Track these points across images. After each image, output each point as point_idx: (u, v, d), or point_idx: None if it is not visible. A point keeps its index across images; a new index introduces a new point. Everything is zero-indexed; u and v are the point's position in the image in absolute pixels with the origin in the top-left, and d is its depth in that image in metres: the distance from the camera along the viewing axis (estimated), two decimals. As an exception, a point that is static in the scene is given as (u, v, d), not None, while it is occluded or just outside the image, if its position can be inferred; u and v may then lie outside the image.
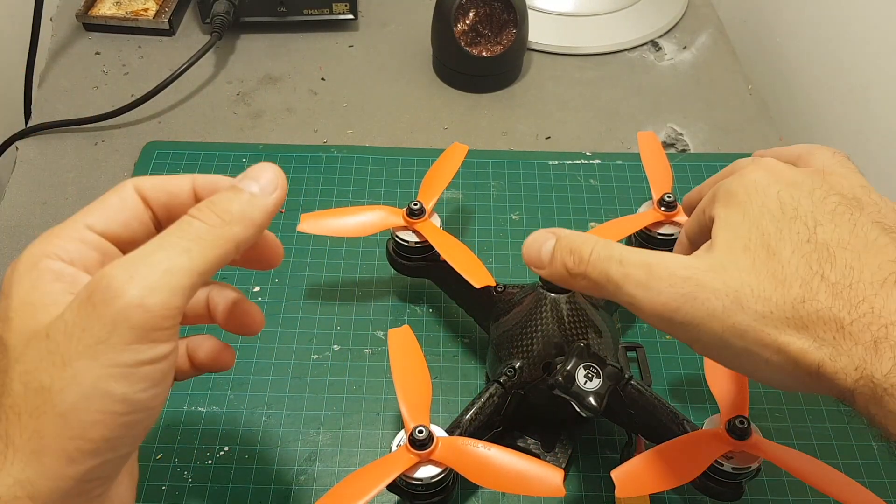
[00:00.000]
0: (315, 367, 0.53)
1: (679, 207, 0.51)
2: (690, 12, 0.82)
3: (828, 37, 0.73)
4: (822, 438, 0.49)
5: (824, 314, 0.28)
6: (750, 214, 0.31)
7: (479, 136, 0.69)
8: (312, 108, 0.71)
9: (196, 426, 0.49)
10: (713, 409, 0.43)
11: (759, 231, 0.30)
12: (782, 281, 0.29)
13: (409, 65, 0.76)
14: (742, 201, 0.32)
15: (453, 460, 0.40)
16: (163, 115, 0.70)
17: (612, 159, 0.66)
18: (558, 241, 0.34)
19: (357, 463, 0.48)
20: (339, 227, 0.53)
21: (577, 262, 0.33)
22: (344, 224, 0.53)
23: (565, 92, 0.74)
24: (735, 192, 0.32)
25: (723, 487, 0.41)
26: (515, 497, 0.47)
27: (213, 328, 0.37)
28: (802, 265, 0.29)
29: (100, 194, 0.33)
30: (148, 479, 0.47)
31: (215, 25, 0.72)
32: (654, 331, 0.54)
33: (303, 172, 0.64)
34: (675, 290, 0.30)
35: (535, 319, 0.45)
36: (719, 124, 0.71)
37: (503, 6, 0.69)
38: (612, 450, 0.49)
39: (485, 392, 0.45)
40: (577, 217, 0.61)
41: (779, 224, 0.30)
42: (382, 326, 0.55)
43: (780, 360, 0.29)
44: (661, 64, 0.77)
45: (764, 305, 0.28)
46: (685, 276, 0.30)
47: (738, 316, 0.29)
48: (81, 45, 0.76)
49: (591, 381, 0.41)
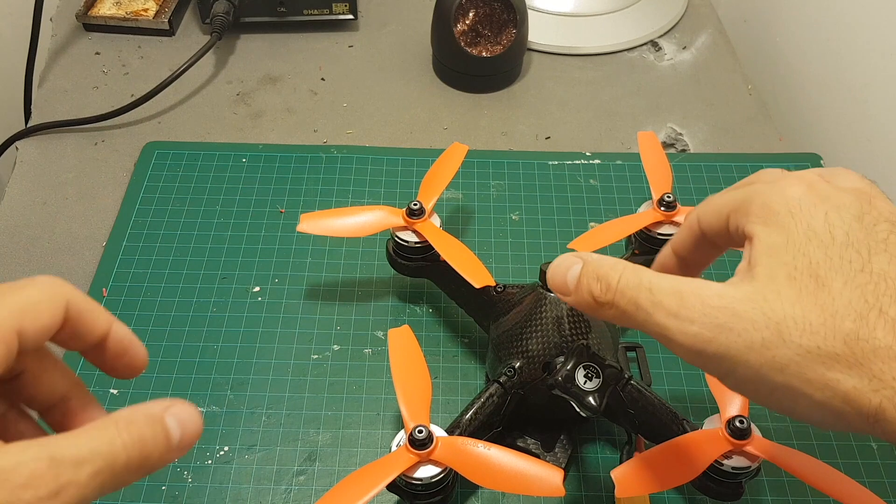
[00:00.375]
0: (315, 367, 0.53)
1: (679, 207, 0.51)
2: (690, 12, 0.82)
3: (828, 37, 0.73)
4: (822, 438, 0.49)
5: (883, 352, 0.25)
6: (795, 238, 0.28)
7: (479, 136, 0.69)
8: (312, 108, 0.71)
9: (196, 426, 0.49)
10: (713, 409, 0.43)
11: (807, 258, 0.27)
12: (833, 314, 0.26)
13: (409, 65, 0.76)
14: (784, 222, 0.28)
15: (453, 460, 0.40)
16: (163, 115, 0.70)
17: (612, 159, 0.66)
18: (584, 265, 0.32)
19: (357, 463, 0.48)
20: (339, 228, 0.53)
21: (604, 289, 0.31)
22: (344, 224, 0.53)
23: (565, 92, 0.74)
24: (775, 210, 0.29)
25: (723, 487, 0.41)
26: (515, 497, 0.47)
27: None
28: (857, 297, 0.26)
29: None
30: (148, 479, 0.47)
31: (215, 25, 0.72)
32: (654, 331, 0.54)
33: (303, 172, 0.64)
34: (709, 320, 0.28)
35: (535, 319, 0.45)
36: (719, 124, 0.71)
37: (503, 6, 0.69)
38: (612, 450, 0.49)
39: (485, 392, 0.45)
40: (576, 217, 0.61)
41: (828, 251, 0.27)
42: (382, 326, 0.55)
43: (826, 399, 0.26)
44: (661, 64, 0.77)
45: (810, 339, 0.26)
46: (720, 305, 0.28)
47: (779, 349, 0.27)
48: (81, 46, 0.76)
49: (590, 381, 0.41)
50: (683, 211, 0.51)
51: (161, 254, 0.58)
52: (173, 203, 0.62)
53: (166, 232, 0.60)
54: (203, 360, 0.52)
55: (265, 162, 0.65)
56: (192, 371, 0.52)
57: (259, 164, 0.65)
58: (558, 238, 0.60)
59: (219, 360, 0.53)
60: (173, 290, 0.56)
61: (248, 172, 0.64)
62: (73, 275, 0.57)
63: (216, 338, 0.54)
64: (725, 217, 0.32)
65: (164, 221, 0.60)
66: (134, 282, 0.57)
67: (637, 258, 0.52)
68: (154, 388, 0.51)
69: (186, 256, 0.58)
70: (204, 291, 0.56)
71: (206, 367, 0.52)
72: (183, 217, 0.61)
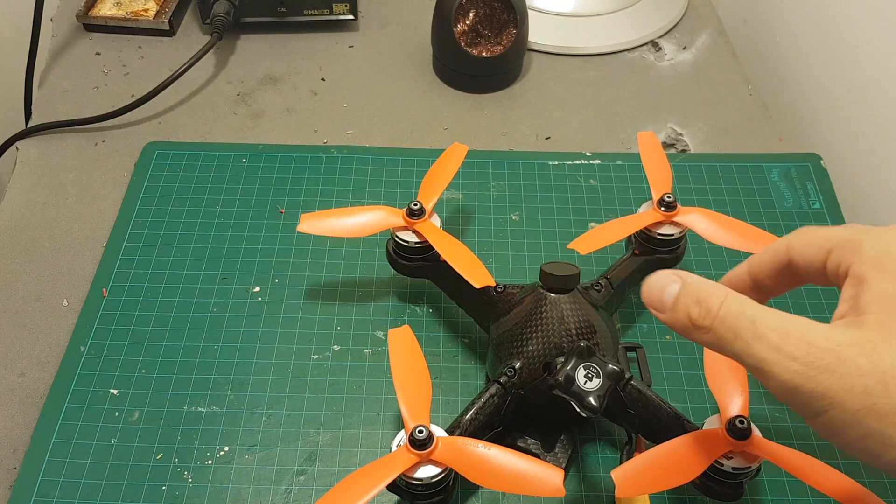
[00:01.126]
0: (315, 367, 0.53)
1: (679, 207, 0.51)
2: (690, 12, 0.82)
3: (828, 37, 0.73)
4: (822, 438, 0.49)
5: None
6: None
7: (479, 136, 0.69)
8: (312, 108, 0.71)
9: (196, 426, 0.49)
10: (713, 409, 0.43)
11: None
12: None
13: (409, 65, 0.76)
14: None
15: (453, 460, 0.40)
16: (163, 115, 0.70)
17: (612, 159, 0.66)
18: (683, 286, 0.32)
19: (357, 463, 0.48)
20: (340, 228, 0.53)
21: (703, 313, 0.30)
22: (344, 224, 0.53)
23: (565, 92, 0.74)
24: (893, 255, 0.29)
25: (723, 487, 0.41)
26: (515, 497, 0.47)
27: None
28: None
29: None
30: (148, 479, 0.47)
31: (215, 26, 0.72)
32: (655, 331, 0.54)
33: (303, 172, 0.64)
34: (813, 360, 0.28)
35: (535, 319, 0.45)
36: (719, 124, 0.71)
37: (503, 6, 0.69)
38: (612, 450, 0.49)
39: (485, 392, 0.45)
40: (577, 217, 0.62)
41: None
42: (382, 326, 0.55)
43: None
44: (661, 64, 0.77)
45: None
46: (826, 347, 0.28)
47: (880, 398, 0.27)
48: (82, 46, 0.76)
49: (590, 382, 0.41)
50: (684, 211, 0.51)
51: (161, 254, 0.58)
52: (173, 203, 0.62)
53: (166, 232, 0.60)
54: (203, 361, 0.52)
55: (265, 162, 0.65)
56: (193, 371, 0.52)
57: (259, 165, 0.65)
58: (558, 238, 0.60)
59: (219, 360, 0.53)
60: (173, 291, 0.56)
61: (249, 173, 0.64)
62: (73, 275, 0.57)
63: (216, 338, 0.54)
64: (826, 251, 0.32)
65: (165, 221, 0.60)
66: (134, 282, 0.57)
67: (637, 258, 0.53)
68: (154, 389, 0.51)
69: (187, 256, 0.58)
70: (204, 292, 0.56)
71: (206, 368, 0.52)
72: (183, 217, 0.61)
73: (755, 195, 0.63)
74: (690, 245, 0.58)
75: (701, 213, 0.51)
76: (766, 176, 0.64)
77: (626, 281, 0.52)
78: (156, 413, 0.50)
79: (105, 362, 0.52)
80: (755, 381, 0.51)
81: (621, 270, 0.52)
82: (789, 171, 0.65)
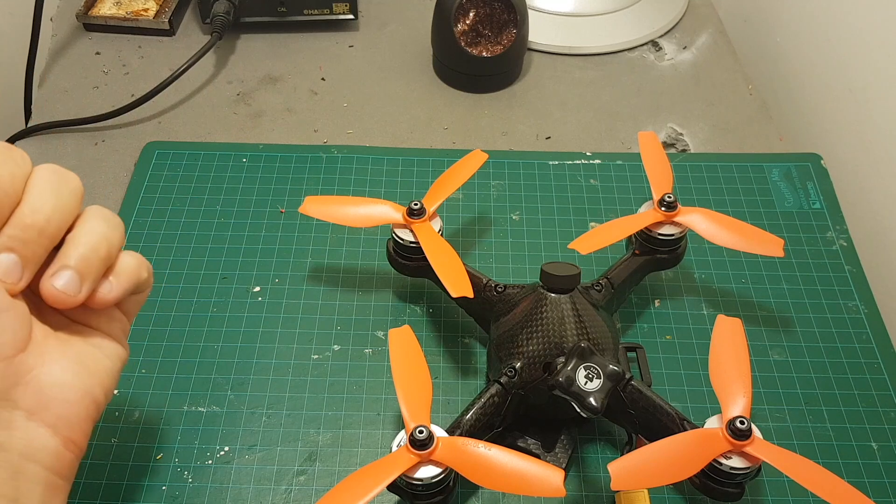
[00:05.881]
0: (315, 367, 0.53)
1: (679, 207, 0.51)
2: (690, 12, 0.82)
3: (828, 37, 0.73)
4: (822, 438, 0.49)
5: None
6: None
7: (479, 136, 0.69)
8: (312, 108, 0.71)
9: (196, 426, 0.49)
10: (713, 409, 0.43)
11: None
12: None
13: (409, 65, 0.76)
14: None
15: (453, 460, 0.40)
16: (163, 115, 0.70)
17: (612, 159, 0.66)
18: None
19: (357, 463, 0.48)
20: (342, 216, 0.52)
21: None
22: (346, 212, 0.52)
23: (565, 92, 0.74)
24: None
25: (723, 488, 0.41)
26: (515, 497, 0.47)
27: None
28: None
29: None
30: (148, 479, 0.47)
31: (215, 25, 0.72)
32: (655, 331, 0.54)
33: (303, 172, 0.64)
34: None
35: (535, 319, 0.45)
36: (719, 124, 0.71)
37: (503, 6, 0.69)
38: (613, 450, 0.49)
39: (485, 392, 0.45)
40: (577, 217, 0.61)
41: None
42: (382, 326, 0.55)
43: None
44: (661, 64, 0.77)
45: None
46: None
47: None
48: (81, 45, 0.76)
49: (591, 382, 0.41)
50: (684, 211, 0.51)
51: (161, 254, 0.58)
52: (173, 203, 0.62)
53: (166, 232, 0.60)
54: (203, 361, 0.52)
55: (265, 162, 0.65)
56: (193, 371, 0.52)
57: (259, 164, 0.65)
58: (558, 238, 0.60)
59: (219, 360, 0.53)
60: (173, 290, 0.56)
61: (249, 172, 0.64)
62: (74, 275, 0.57)
63: (216, 338, 0.54)
64: None
65: (165, 221, 0.60)
66: (134, 282, 0.56)
67: (637, 258, 0.52)
68: (154, 388, 0.51)
69: (187, 256, 0.58)
70: (204, 291, 0.56)
71: (206, 368, 0.52)
72: (183, 217, 0.61)
73: (755, 195, 0.63)
74: (690, 245, 0.58)
75: (701, 213, 0.51)
76: (766, 176, 0.64)
77: (627, 281, 0.52)
78: (156, 413, 0.50)
79: (105, 362, 0.52)
80: (758, 381, 0.51)
81: (622, 270, 0.52)
82: (789, 170, 0.65)
